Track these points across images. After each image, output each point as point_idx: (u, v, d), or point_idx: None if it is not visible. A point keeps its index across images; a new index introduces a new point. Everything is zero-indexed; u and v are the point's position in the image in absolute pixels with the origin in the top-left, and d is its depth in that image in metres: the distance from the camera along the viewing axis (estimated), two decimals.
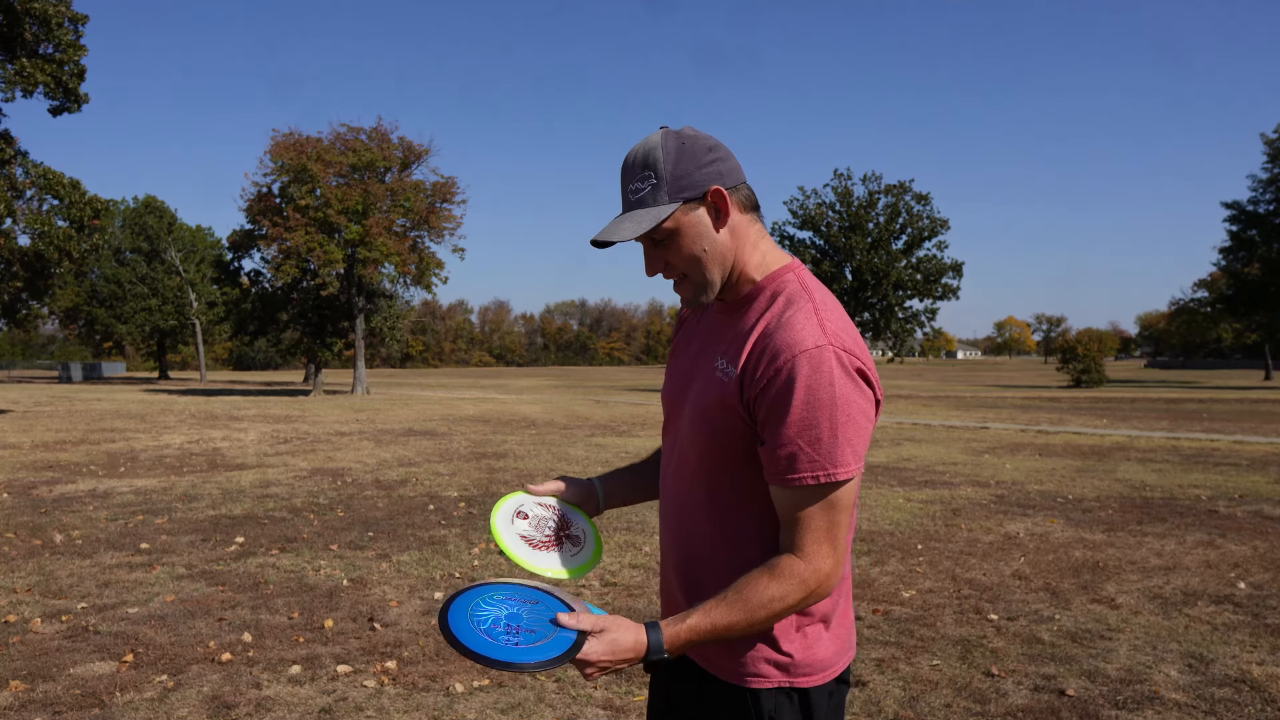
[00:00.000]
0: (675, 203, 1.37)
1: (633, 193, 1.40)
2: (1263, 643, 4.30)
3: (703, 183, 1.39)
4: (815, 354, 1.31)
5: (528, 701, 3.64)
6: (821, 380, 1.30)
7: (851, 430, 1.32)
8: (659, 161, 1.39)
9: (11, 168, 22.68)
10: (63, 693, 3.72)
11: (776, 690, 1.42)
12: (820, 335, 1.33)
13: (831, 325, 1.36)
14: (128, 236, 57.84)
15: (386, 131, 35.31)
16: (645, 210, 1.38)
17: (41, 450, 13.31)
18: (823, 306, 1.39)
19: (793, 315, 1.37)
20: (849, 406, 1.31)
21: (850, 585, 1.53)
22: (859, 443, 1.33)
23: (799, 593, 1.34)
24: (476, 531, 7.06)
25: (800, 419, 1.30)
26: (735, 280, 1.45)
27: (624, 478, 1.76)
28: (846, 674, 1.52)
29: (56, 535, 6.93)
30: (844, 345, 1.34)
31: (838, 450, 1.31)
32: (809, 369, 1.30)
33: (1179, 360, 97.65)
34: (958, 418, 20.24)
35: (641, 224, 1.37)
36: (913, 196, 39.52)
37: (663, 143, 1.40)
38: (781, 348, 1.33)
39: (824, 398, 1.30)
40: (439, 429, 17.26)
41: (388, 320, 38.42)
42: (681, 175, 1.38)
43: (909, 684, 3.79)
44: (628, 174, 1.42)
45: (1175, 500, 8.47)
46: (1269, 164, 46.69)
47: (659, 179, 1.38)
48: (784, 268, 1.45)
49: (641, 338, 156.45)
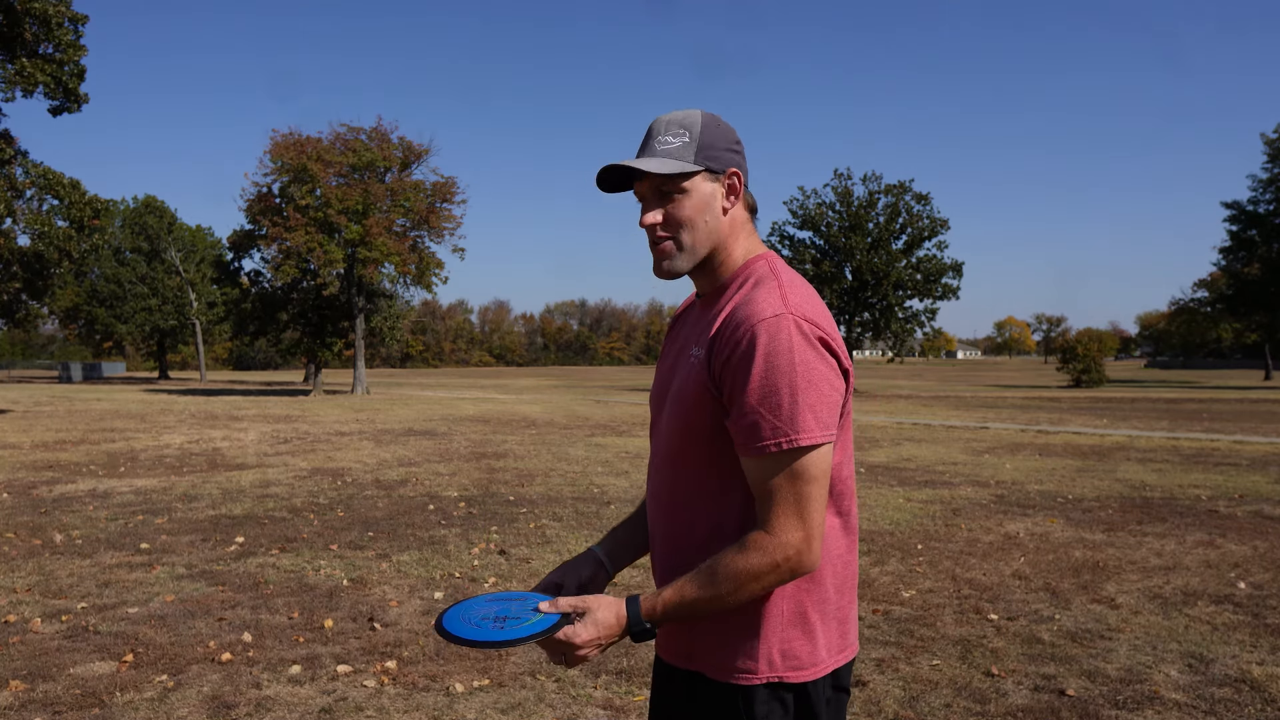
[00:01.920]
0: (700, 166, 1.42)
1: (661, 144, 1.44)
2: (1263, 643, 4.30)
3: (726, 162, 1.45)
4: (773, 322, 1.33)
5: (528, 701, 3.64)
6: (779, 347, 1.31)
7: (814, 396, 1.32)
8: (695, 125, 1.45)
9: (11, 168, 22.67)
10: (63, 693, 3.72)
11: (766, 686, 1.40)
12: (780, 305, 1.35)
13: (794, 298, 1.37)
14: (128, 236, 57.83)
15: (386, 131, 35.34)
16: (674, 161, 1.42)
17: (41, 450, 13.32)
18: (789, 284, 1.40)
19: (756, 292, 1.40)
20: (809, 372, 1.32)
21: (854, 581, 1.51)
22: (822, 409, 1.33)
23: (766, 567, 1.32)
24: (476, 531, 7.06)
25: (760, 386, 1.31)
26: (717, 267, 1.48)
27: (625, 533, 1.70)
28: (846, 679, 1.49)
29: (56, 535, 6.93)
30: (804, 314, 1.35)
31: (798, 416, 1.30)
32: (766, 337, 1.32)
33: (1179, 360, 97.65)
34: (958, 418, 20.24)
35: (666, 165, 1.41)
36: (913, 196, 39.49)
37: (701, 114, 1.47)
38: (742, 319, 1.35)
39: (783, 364, 1.31)
40: (439, 429, 17.26)
41: (388, 320, 38.42)
42: (711, 145, 1.44)
43: (909, 684, 3.79)
44: (658, 130, 1.45)
45: (1175, 500, 8.47)
46: (1269, 164, 46.73)
47: (692, 139, 1.43)
48: (757, 256, 1.49)
49: (641, 338, 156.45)
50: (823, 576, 1.43)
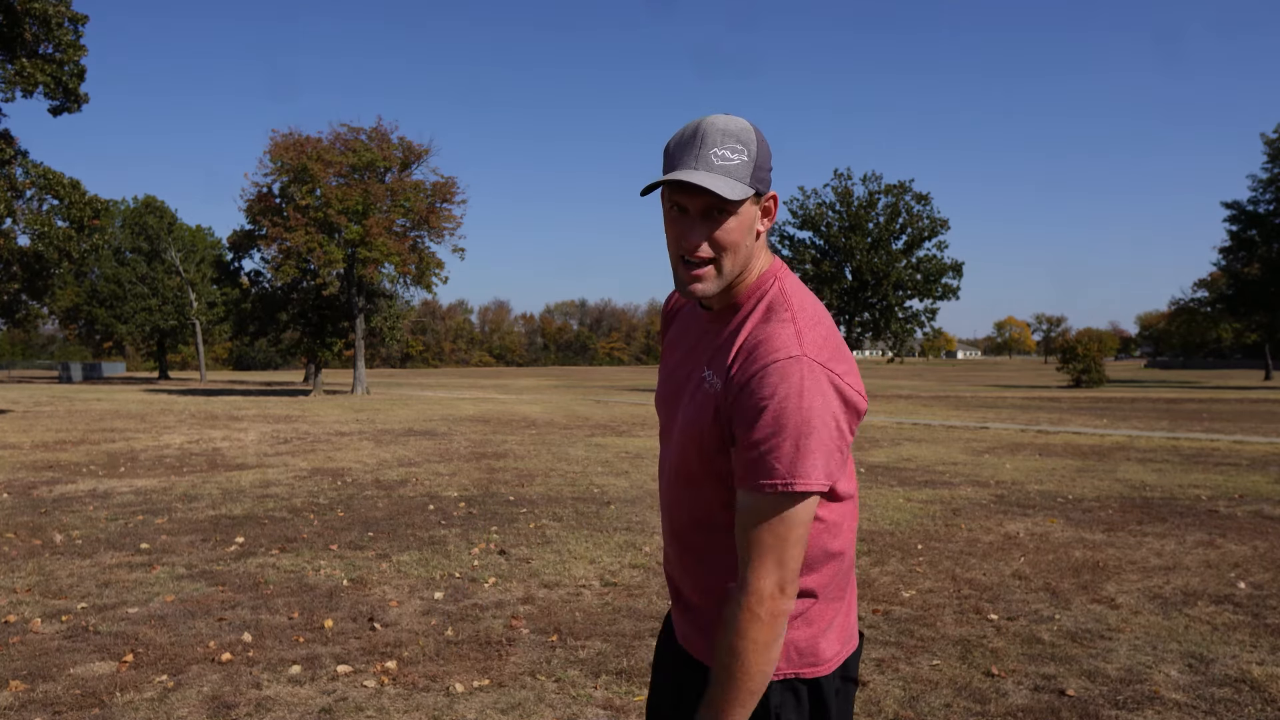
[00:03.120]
0: (752, 189, 1.37)
1: (719, 158, 1.35)
2: (1263, 643, 4.30)
3: (768, 184, 1.42)
4: (786, 365, 1.32)
5: (528, 701, 3.64)
6: (791, 392, 1.30)
7: (815, 443, 1.30)
8: (753, 142, 1.38)
9: (11, 168, 22.66)
10: (63, 693, 3.72)
11: (782, 683, 1.42)
12: (795, 345, 1.34)
13: (809, 334, 1.36)
14: (128, 236, 57.82)
15: (386, 131, 35.33)
16: (737, 182, 1.36)
17: (41, 450, 13.32)
18: (800, 313, 1.40)
19: (772, 327, 1.38)
20: (816, 419, 1.31)
21: (854, 579, 1.54)
22: (823, 457, 1.31)
23: (753, 625, 1.31)
24: (476, 531, 7.06)
25: (767, 427, 1.30)
26: (735, 284, 1.45)
27: None
28: (854, 670, 1.52)
29: (56, 535, 6.93)
30: (819, 357, 1.34)
31: (800, 461, 1.30)
32: (778, 378, 1.31)
33: (1179, 360, 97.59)
34: (958, 418, 20.24)
35: (736, 189, 1.34)
36: (913, 196, 39.50)
37: (753, 129, 1.40)
38: (757, 357, 1.35)
39: (791, 409, 1.30)
40: (439, 429, 17.26)
41: (388, 320, 38.41)
42: (761, 166, 1.39)
43: (909, 684, 3.79)
44: (714, 139, 1.36)
45: (1175, 500, 8.47)
46: (1269, 164, 46.71)
47: (749, 158, 1.37)
48: (767, 272, 1.47)
49: (641, 338, 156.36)
50: (827, 576, 1.46)
